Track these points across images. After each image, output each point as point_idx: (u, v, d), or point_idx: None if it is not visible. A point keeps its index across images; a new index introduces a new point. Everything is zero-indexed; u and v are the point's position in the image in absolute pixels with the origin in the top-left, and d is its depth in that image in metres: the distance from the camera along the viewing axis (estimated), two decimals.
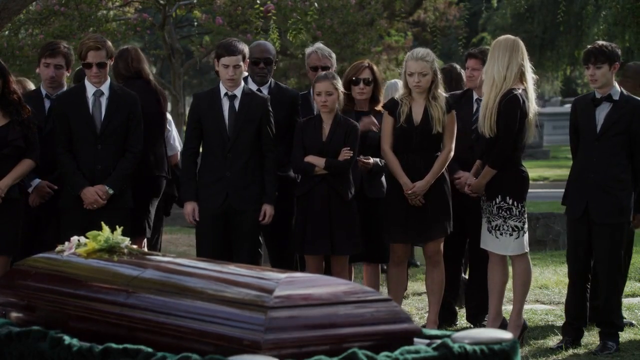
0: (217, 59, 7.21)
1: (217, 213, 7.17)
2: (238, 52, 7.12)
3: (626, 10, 14.73)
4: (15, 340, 4.33)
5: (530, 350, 7.01)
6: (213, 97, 7.25)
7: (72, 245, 4.84)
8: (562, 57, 25.00)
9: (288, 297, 3.78)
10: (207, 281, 4.14)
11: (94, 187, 7.08)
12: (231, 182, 7.14)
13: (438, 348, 3.78)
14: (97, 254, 4.74)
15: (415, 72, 7.11)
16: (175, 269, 4.43)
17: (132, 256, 4.67)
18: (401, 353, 3.73)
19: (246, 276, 4.16)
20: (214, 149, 7.19)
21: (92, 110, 7.17)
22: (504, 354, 3.84)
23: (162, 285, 4.21)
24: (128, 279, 4.38)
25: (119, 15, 15.18)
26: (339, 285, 3.99)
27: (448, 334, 3.93)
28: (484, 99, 7.02)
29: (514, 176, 7.07)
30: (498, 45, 7.02)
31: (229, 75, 7.13)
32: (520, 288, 7.16)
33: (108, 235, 4.77)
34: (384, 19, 20.84)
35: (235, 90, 7.21)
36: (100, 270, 4.59)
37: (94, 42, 7.17)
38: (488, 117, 6.93)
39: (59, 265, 4.76)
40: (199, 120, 7.21)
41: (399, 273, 7.32)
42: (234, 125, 7.16)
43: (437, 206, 7.16)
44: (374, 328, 3.84)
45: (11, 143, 7.00)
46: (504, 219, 7.05)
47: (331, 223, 7.08)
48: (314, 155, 7.13)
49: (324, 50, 7.91)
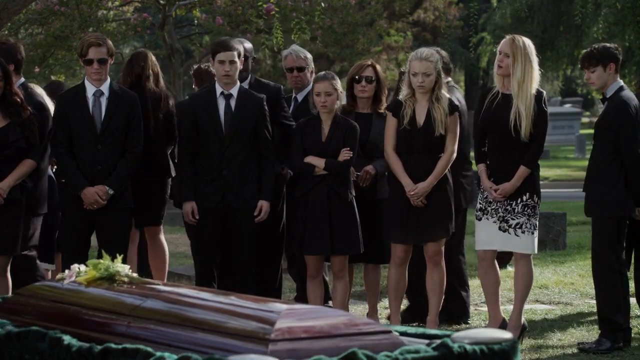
0: (213, 57, 7.25)
1: (214, 212, 7.18)
2: (233, 48, 7.16)
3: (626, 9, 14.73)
4: (15, 340, 4.33)
5: (530, 350, 7.01)
6: (209, 96, 7.26)
7: (72, 274, 4.80)
8: (562, 57, 24.99)
9: (289, 330, 3.78)
10: (208, 312, 4.13)
11: (94, 188, 7.08)
12: (228, 181, 7.15)
13: (438, 348, 3.78)
14: (97, 282, 4.71)
15: (419, 72, 7.09)
16: (176, 298, 4.41)
17: (132, 285, 4.64)
18: (401, 353, 3.73)
19: (247, 307, 4.15)
20: (210, 148, 7.19)
21: (92, 110, 7.17)
22: (504, 353, 3.83)
23: (163, 315, 4.19)
24: (129, 308, 4.35)
25: (119, 15, 15.18)
26: (340, 317, 3.98)
27: (448, 334, 3.93)
28: (522, 100, 7.00)
29: (536, 175, 7.18)
30: (525, 46, 7.04)
31: (224, 71, 7.14)
32: (523, 289, 7.18)
33: (108, 264, 4.74)
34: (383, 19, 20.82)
35: (231, 89, 7.21)
36: (100, 299, 4.56)
37: (95, 39, 7.19)
38: (528, 119, 6.99)
39: (59, 294, 4.72)
40: (195, 120, 7.22)
41: (400, 274, 7.31)
42: (230, 124, 7.17)
43: (439, 207, 7.15)
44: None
45: (12, 144, 7.00)
46: (528, 217, 7.10)
47: (331, 223, 7.08)
48: (314, 156, 7.14)
49: (299, 52, 8.01)
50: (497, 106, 7.10)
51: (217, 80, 7.27)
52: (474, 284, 9.60)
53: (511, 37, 7.15)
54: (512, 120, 7.00)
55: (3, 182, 6.97)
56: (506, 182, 7.07)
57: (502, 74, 7.12)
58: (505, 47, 7.07)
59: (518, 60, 7.00)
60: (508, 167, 7.10)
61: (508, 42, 7.09)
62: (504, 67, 7.07)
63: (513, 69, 7.00)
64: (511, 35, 7.19)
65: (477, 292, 9.22)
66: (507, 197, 7.08)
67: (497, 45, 7.37)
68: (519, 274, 7.18)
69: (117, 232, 7.22)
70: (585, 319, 7.99)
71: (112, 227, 7.20)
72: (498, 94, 7.15)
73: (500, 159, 7.14)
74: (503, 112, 7.06)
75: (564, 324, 7.80)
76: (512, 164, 7.08)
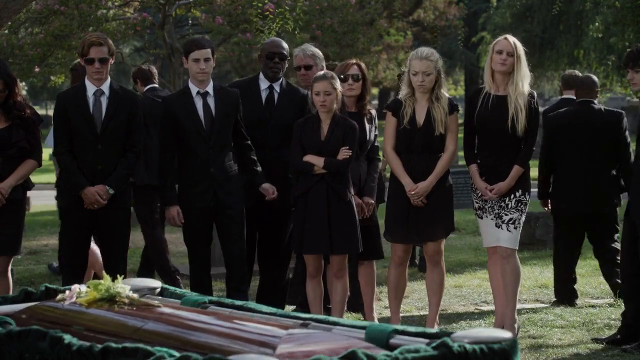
0: (186, 56, 7.24)
1: (204, 211, 7.20)
2: (207, 45, 7.19)
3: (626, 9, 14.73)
4: (15, 340, 4.33)
5: (530, 350, 7.01)
6: (184, 97, 7.27)
7: (72, 294, 4.78)
8: (561, 57, 25.01)
9: (290, 354, 3.78)
10: (210, 335, 4.11)
11: (95, 187, 7.07)
12: (216, 177, 7.18)
13: (438, 347, 3.77)
14: (98, 304, 4.69)
15: (419, 71, 7.10)
16: (177, 321, 4.39)
17: (133, 306, 4.63)
18: (401, 352, 3.73)
19: (248, 331, 4.14)
20: (194, 148, 7.19)
21: (93, 110, 7.16)
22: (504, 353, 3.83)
23: (165, 338, 4.17)
24: (130, 330, 4.33)
25: (119, 14, 15.17)
26: (341, 342, 3.97)
27: (448, 334, 3.93)
28: (521, 99, 7.08)
29: (528, 172, 7.26)
30: (520, 46, 7.12)
31: (199, 68, 7.15)
32: (514, 285, 7.21)
33: (109, 285, 4.72)
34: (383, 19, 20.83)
35: (207, 86, 7.24)
36: (102, 321, 4.55)
37: (96, 38, 7.18)
38: (524, 117, 7.08)
39: (60, 315, 4.71)
40: (175, 123, 7.21)
41: (399, 273, 7.32)
42: (210, 122, 7.19)
43: (439, 207, 7.16)
44: None
45: (15, 144, 7.00)
46: (520, 213, 7.19)
47: (330, 222, 7.08)
48: (313, 155, 7.14)
49: (307, 50, 8.00)
50: (492, 106, 7.14)
51: (192, 78, 7.25)
52: (474, 284, 9.62)
53: (510, 37, 7.19)
54: (510, 118, 7.05)
55: (4, 182, 6.97)
56: (498, 181, 7.15)
57: (504, 72, 7.14)
58: (508, 46, 7.11)
59: (519, 60, 7.07)
60: (501, 166, 7.15)
61: (509, 42, 7.13)
62: (508, 65, 7.10)
63: (515, 68, 7.07)
64: (507, 35, 7.25)
65: (477, 292, 9.24)
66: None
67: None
68: (508, 270, 7.20)
69: (117, 231, 7.23)
70: (586, 318, 7.99)
71: (112, 227, 7.21)
72: (488, 94, 7.18)
73: (494, 158, 7.19)
74: (499, 111, 7.12)
75: (564, 323, 7.80)
76: (506, 162, 7.16)
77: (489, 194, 7.15)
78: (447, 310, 8.40)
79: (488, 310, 8.29)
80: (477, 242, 12.11)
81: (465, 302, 8.79)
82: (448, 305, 8.57)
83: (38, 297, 5.02)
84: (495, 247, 7.26)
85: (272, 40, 7.97)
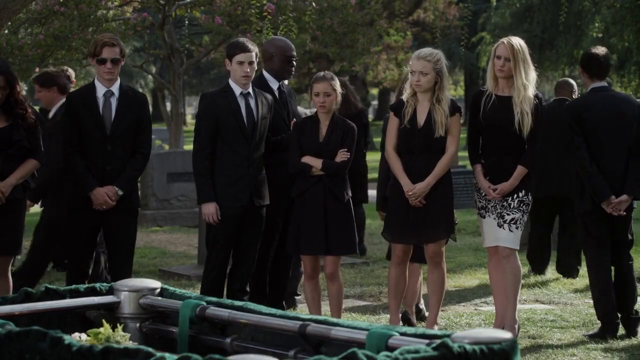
0: (230, 58, 7.26)
1: (240, 211, 7.22)
2: (252, 49, 7.21)
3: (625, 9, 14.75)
4: (15, 340, 4.32)
5: (530, 350, 7.01)
6: (227, 96, 7.29)
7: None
8: (561, 57, 24.99)
9: None
10: None
11: (104, 188, 7.07)
12: (253, 178, 7.23)
13: (438, 348, 3.77)
14: None
15: (416, 70, 7.10)
16: None
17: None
18: (401, 353, 3.72)
19: None
20: (236, 147, 7.22)
21: (102, 111, 7.16)
22: (504, 353, 3.83)
23: None
24: None
25: (119, 15, 15.18)
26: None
27: (448, 334, 3.93)
28: (526, 101, 7.09)
29: (530, 173, 7.27)
30: (522, 49, 7.12)
31: (244, 72, 7.18)
32: (515, 285, 7.21)
33: (109, 333, 4.69)
34: (383, 19, 20.83)
35: (249, 88, 7.28)
36: None
37: (109, 39, 7.20)
38: (530, 118, 7.10)
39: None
40: (216, 121, 7.23)
41: (399, 273, 7.32)
42: (252, 122, 7.23)
43: (439, 208, 7.16)
44: None
45: (16, 143, 7.00)
46: (522, 213, 7.22)
47: (327, 224, 7.09)
48: (311, 156, 7.14)
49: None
50: (495, 108, 7.15)
51: (235, 80, 7.29)
52: (473, 284, 9.63)
53: (508, 41, 7.18)
54: (517, 122, 7.07)
55: (5, 181, 6.96)
56: (502, 181, 7.15)
57: (503, 77, 7.15)
58: (505, 51, 7.11)
59: (519, 63, 7.06)
60: (506, 166, 7.16)
61: (507, 46, 7.13)
62: (506, 70, 7.11)
63: (515, 73, 7.07)
64: (507, 39, 7.23)
65: (476, 292, 9.25)
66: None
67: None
68: (509, 270, 7.21)
69: (125, 232, 7.23)
70: (585, 319, 7.99)
71: (120, 228, 7.20)
72: (491, 96, 7.19)
73: (498, 159, 7.19)
74: (504, 112, 7.11)
75: (564, 324, 7.81)
76: (510, 163, 7.16)
77: (492, 194, 7.16)
78: (447, 310, 8.40)
79: (488, 310, 8.30)
80: (477, 242, 12.12)
81: (465, 302, 8.79)
82: (448, 306, 8.58)
83: (38, 298, 5.02)
84: (496, 247, 7.27)
85: (285, 42, 7.97)
